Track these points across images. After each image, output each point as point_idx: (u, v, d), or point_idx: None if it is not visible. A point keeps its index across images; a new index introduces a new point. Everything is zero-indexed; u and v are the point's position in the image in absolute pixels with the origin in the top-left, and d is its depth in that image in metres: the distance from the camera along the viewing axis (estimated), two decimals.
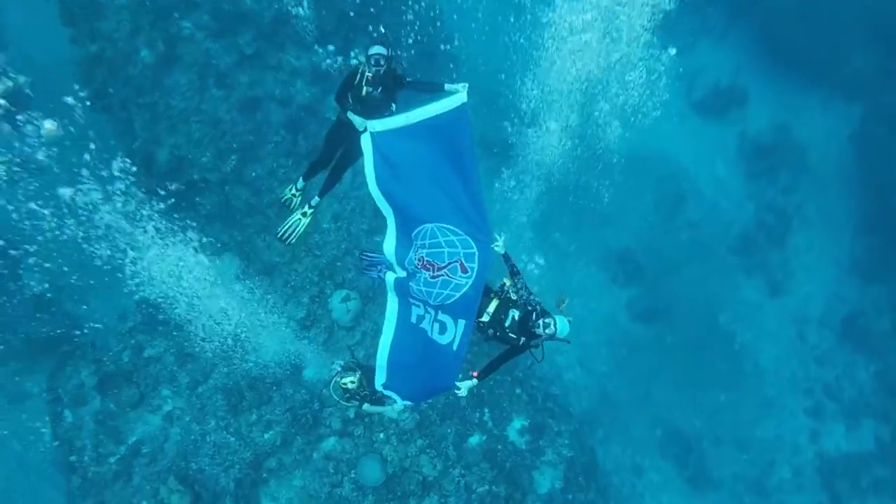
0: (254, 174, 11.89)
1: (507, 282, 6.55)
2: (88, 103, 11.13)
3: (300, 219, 7.69)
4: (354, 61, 6.91)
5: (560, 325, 6.11)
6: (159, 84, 11.33)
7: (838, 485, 15.38)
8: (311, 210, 7.72)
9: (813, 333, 16.35)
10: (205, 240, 11.66)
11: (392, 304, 6.88)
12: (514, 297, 6.46)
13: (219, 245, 11.72)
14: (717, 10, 17.59)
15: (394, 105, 7.06)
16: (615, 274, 15.55)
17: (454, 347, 6.30)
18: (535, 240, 14.55)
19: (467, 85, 6.31)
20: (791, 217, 17.25)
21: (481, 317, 6.41)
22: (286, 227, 7.70)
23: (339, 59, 12.51)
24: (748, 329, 15.94)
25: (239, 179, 11.86)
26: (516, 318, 6.32)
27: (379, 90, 6.85)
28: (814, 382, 15.87)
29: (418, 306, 6.63)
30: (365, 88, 6.80)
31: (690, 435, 15.18)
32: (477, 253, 6.28)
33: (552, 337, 6.10)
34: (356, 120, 6.65)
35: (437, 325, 6.45)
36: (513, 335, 6.31)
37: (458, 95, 6.27)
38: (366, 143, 6.58)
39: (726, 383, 15.23)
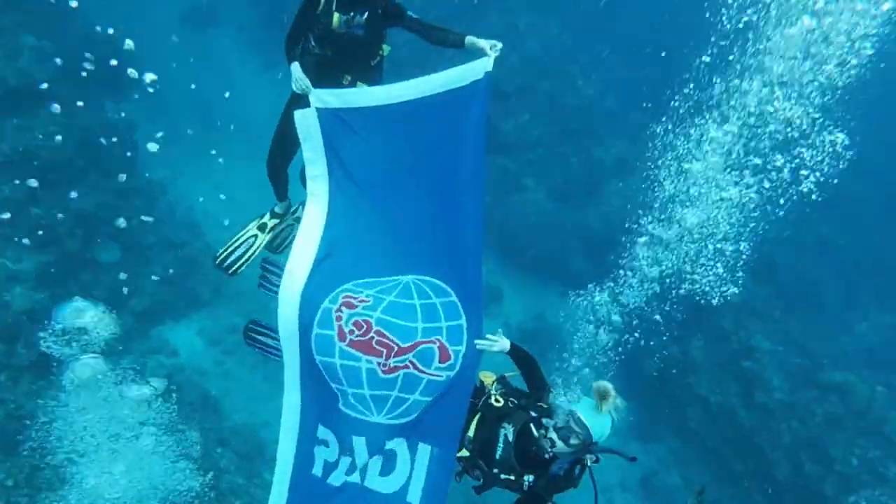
0: None
1: (487, 378, 3.86)
2: None
3: (255, 236, 4.92)
4: None
5: (596, 423, 3.27)
6: None
7: None
8: (277, 220, 4.92)
9: (619, 500, 16.13)
10: None
11: (291, 412, 3.92)
12: (498, 402, 3.70)
13: None
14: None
15: (385, 48, 4.51)
16: None
17: (411, 498, 3.55)
18: None
19: (499, 45, 3.94)
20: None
21: (458, 450, 3.65)
22: (231, 246, 4.87)
23: None
24: None
25: None
26: (510, 438, 3.56)
27: (364, 17, 4.23)
28: None
29: (333, 443, 3.76)
30: (336, 16, 4.20)
31: None
32: (465, 326, 3.68)
33: (581, 448, 3.29)
34: (295, 76, 4.02)
35: (378, 462, 3.65)
36: (508, 475, 3.49)
37: (481, 62, 3.87)
38: (305, 123, 3.93)
39: None
